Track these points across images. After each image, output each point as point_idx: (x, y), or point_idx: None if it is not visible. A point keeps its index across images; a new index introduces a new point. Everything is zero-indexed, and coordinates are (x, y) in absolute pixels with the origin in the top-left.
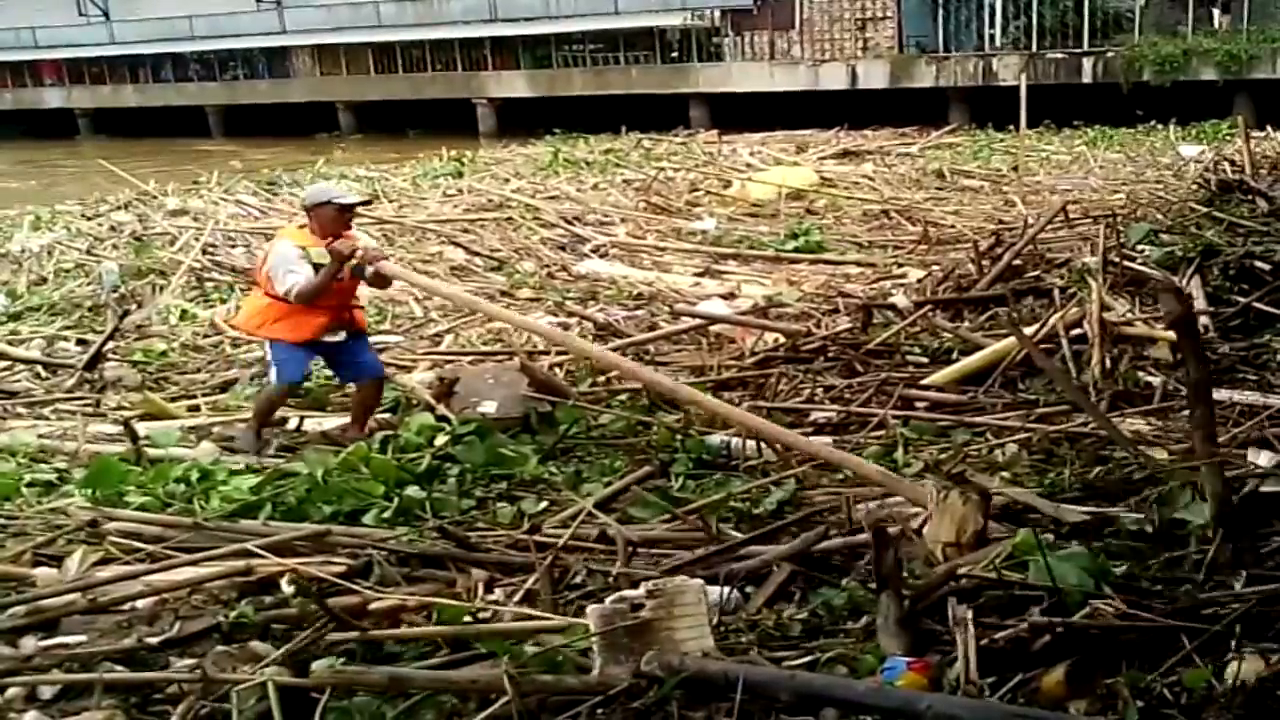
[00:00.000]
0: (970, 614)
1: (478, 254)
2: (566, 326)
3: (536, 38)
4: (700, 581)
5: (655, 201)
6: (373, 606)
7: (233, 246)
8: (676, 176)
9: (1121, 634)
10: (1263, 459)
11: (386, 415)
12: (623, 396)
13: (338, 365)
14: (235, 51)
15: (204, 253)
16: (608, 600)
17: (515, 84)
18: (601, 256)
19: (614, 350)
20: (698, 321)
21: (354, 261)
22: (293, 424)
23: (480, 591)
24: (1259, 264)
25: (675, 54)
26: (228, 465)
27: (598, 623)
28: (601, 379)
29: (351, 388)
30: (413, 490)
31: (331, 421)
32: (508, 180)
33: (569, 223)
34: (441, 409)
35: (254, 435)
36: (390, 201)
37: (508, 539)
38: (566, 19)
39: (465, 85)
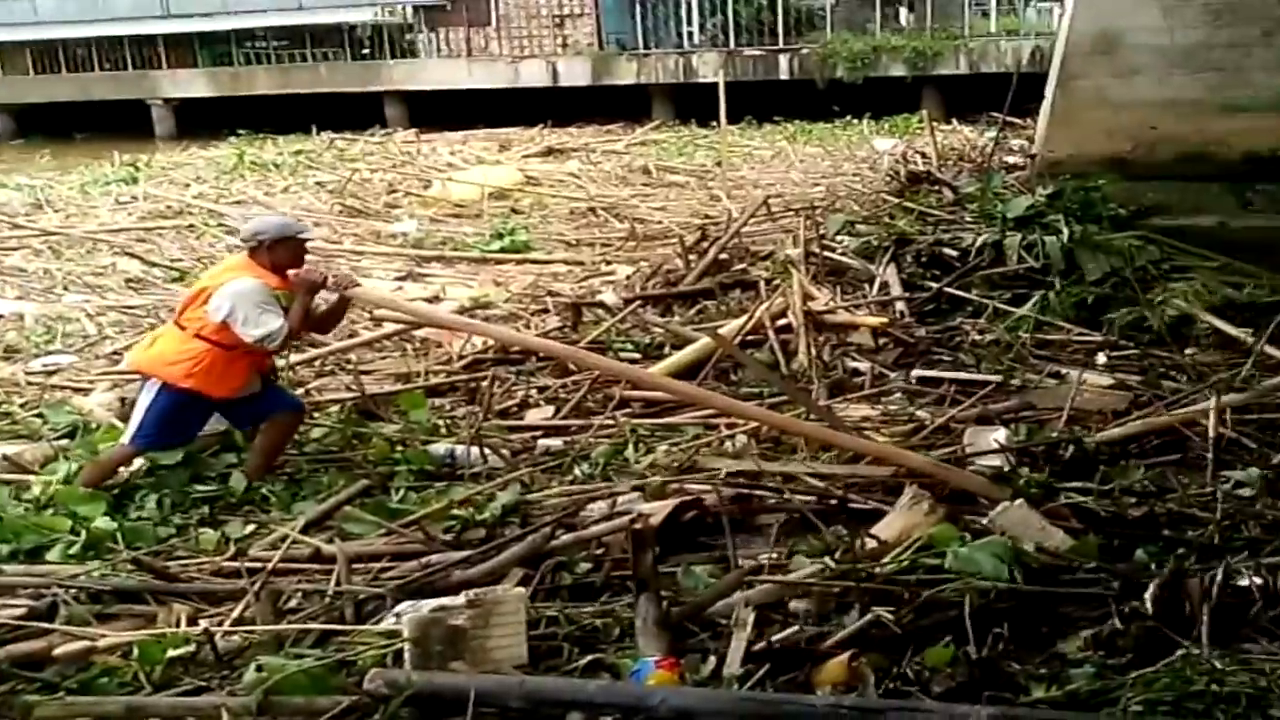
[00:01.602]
0: (752, 615)
1: (156, 265)
2: None
3: (214, 34)
4: (521, 591)
5: (351, 204)
6: (59, 651)
7: None
8: (373, 177)
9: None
10: (995, 436)
11: (64, 441)
12: (333, 409)
13: (239, 415)
14: None
15: None
16: (425, 608)
17: (193, 83)
18: None
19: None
20: (400, 326)
21: (325, 291)
22: None
23: (185, 623)
24: (948, 250)
25: (366, 51)
26: None
27: (412, 631)
28: (301, 390)
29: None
30: (102, 521)
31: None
32: (188, 185)
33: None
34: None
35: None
36: (56, 211)
37: (213, 566)
38: (245, 14)
39: (138, 85)
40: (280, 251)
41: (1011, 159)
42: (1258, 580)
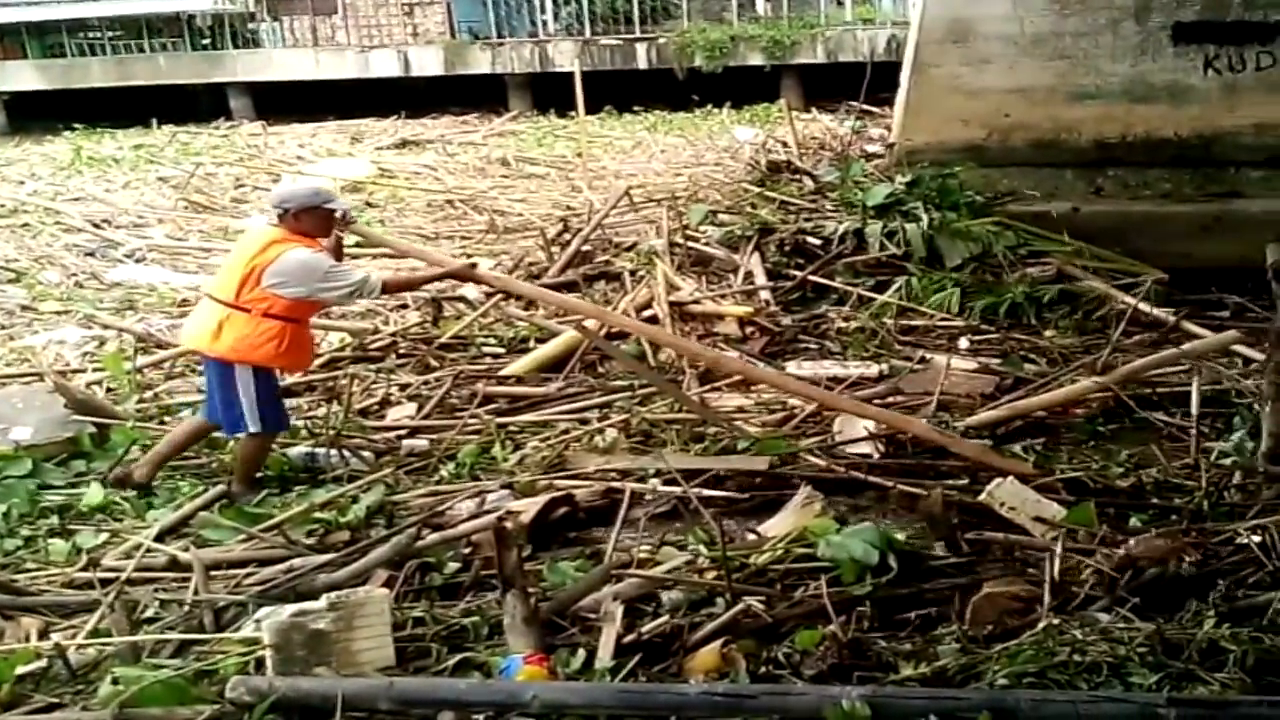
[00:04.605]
0: (620, 608)
1: None
2: (103, 342)
3: (44, 24)
4: (385, 592)
5: (197, 200)
6: None
7: None
8: (219, 172)
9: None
10: (865, 424)
11: None
12: (185, 413)
13: None
14: None
15: None
16: (286, 613)
17: (23, 76)
18: (138, 262)
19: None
20: None
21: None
22: None
23: (35, 638)
24: (811, 239)
25: (207, 41)
26: None
27: (273, 636)
28: (150, 394)
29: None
30: None
31: None
32: (22, 182)
33: (97, 226)
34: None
35: (251, 487)
36: None
37: (64, 578)
38: (77, 3)
39: None
40: (306, 220)
41: (871, 147)
42: (1255, 539)
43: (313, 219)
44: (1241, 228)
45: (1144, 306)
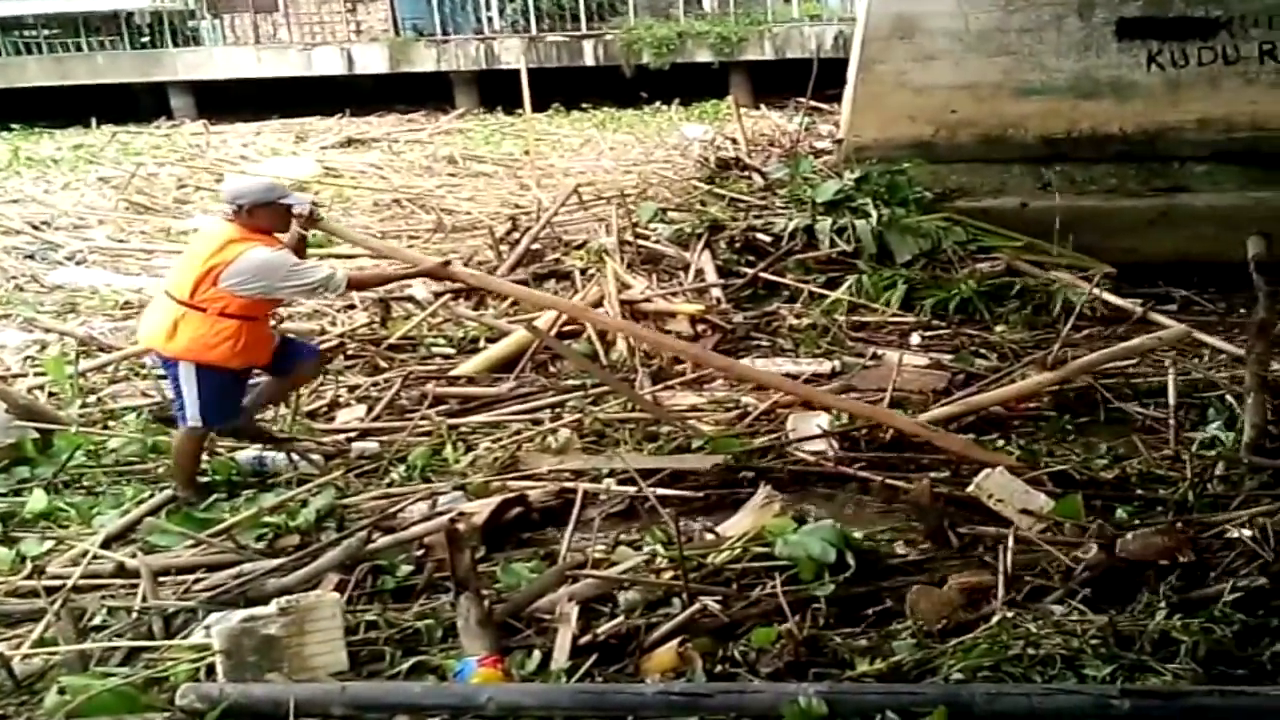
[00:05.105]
0: (576, 609)
1: None
2: (44, 345)
3: None
4: (336, 596)
5: (138, 200)
6: None
7: None
8: (160, 172)
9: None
10: (818, 421)
11: None
12: (130, 418)
13: (273, 369)
14: None
15: None
16: (235, 618)
17: None
18: (79, 264)
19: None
20: None
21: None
22: None
23: None
24: (761, 236)
25: (146, 39)
26: None
27: (223, 642)
28: (93, 398)
29: None
30: None
31: None
32: None
33: (36, 228)
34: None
35: (194, 489)
36: None
37: (8, 586)
38: (12, 0)
39: None
40: (261, 216)
41: (820, 144)
42: (1246, 532)
43: (268, 215)
44: (1187, 222)
45: (1109, 298)
